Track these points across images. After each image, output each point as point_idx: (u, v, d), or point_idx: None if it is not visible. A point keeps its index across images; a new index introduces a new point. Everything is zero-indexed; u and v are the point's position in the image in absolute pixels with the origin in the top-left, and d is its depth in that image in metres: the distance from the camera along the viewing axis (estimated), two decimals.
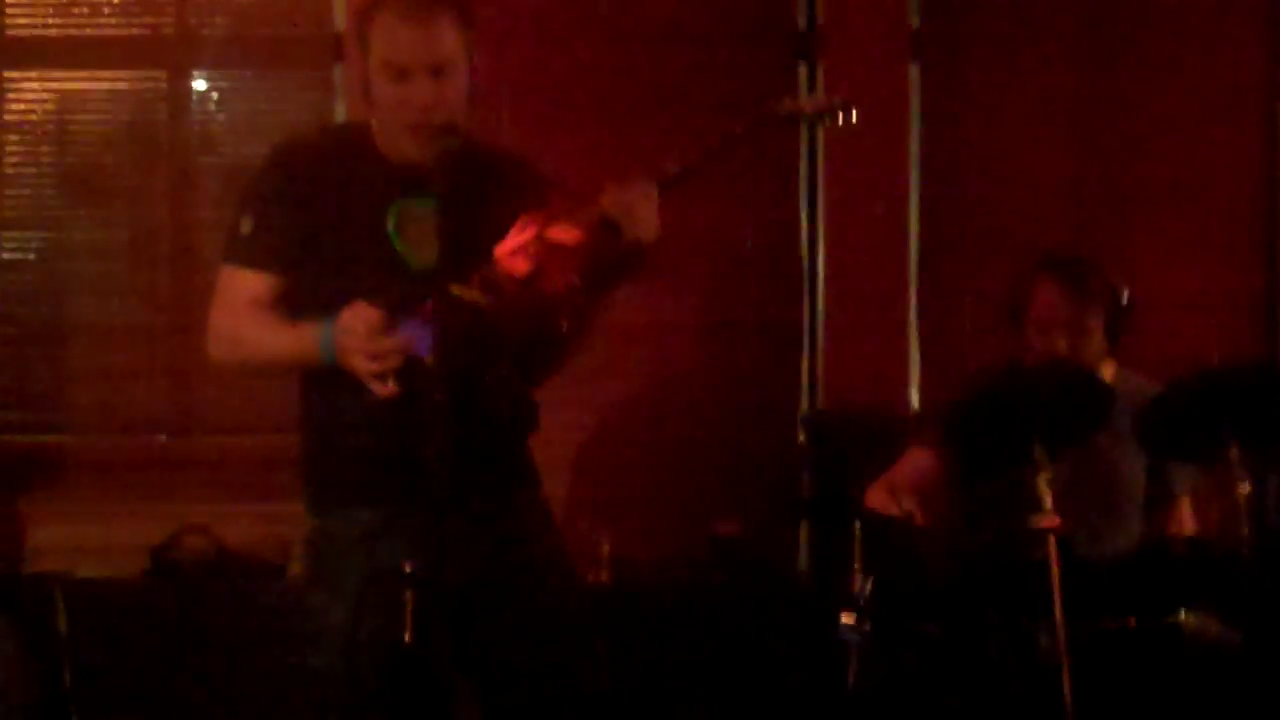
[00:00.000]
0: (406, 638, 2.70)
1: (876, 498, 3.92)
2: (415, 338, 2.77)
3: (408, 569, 2.71)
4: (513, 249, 2.90)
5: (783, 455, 5.24)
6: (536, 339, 3.01)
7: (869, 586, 3.58)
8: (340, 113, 5.31)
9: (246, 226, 2.97)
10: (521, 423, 3.12)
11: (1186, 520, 4.06)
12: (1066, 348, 3.98)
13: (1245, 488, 3.54)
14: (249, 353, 3.01)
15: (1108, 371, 4.05)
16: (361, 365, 2.78)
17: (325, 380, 2.93)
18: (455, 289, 2.79)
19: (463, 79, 2.94)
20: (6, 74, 5.43)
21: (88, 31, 5.45)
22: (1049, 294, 4.01)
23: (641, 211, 2.91)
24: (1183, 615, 3.50)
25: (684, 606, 4.76)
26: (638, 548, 4.94)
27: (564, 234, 2.90)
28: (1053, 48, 5.41)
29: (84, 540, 4.89)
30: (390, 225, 2.93)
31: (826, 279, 5.28)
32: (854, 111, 3.20)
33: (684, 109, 5.32)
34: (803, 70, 5.37)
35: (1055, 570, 3.39)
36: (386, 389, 2.78)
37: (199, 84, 5.47)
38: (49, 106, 5.46)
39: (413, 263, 2.91)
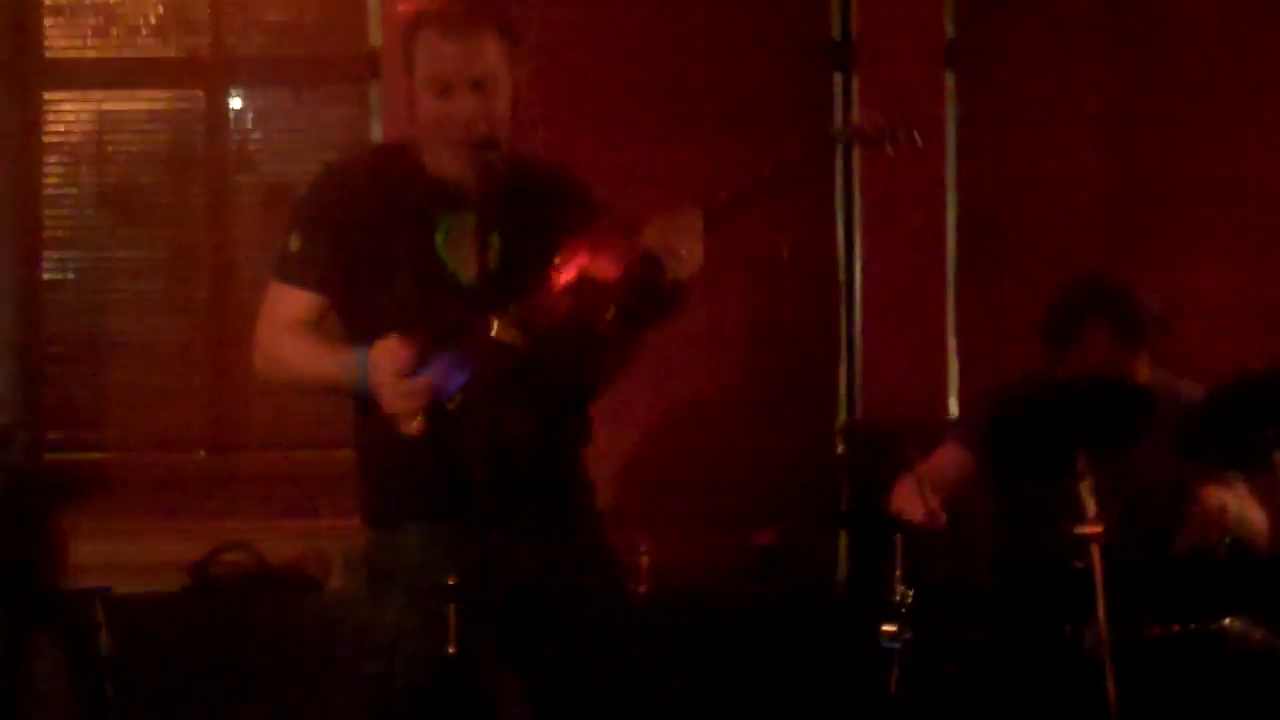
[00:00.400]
0: (451, 650, 2.74)
1: (901, 496, 3.91)
2: (445, 376, 2.79)
3: (451, 582, 2.75)
4: (554, 286, 2.89)
5: (821, 465, 5.23)
6: (571, 369, 3.03)
7: (910, 596, 3.56)
8: (376, 130, 5.33)
9: (295, 244, 3.01)
10: (569, 438, 3.12)
11: (1213, 499, 3.97)
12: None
13: None
14: (290, 373, 3.07)
15: (1146, 374, 4.02)
16: (388, 403, 2.82)
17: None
18: (493, 327, 2.80)
19: (506, 93, 2.95)
20: (46, 95, 5.46)
21: (125, 52, 5.49)
22: (1099, 336, 3.98)
23: (685, 249, 2.88)
24: (1227, 621, 3.49)
25: (723, 617, 4.74)
26: (677, 558, 4.93)
27: (606, 269, 2.88)
28: (1089, 56, 5.39)
29: (125, 556, 4.90)
30: (439, 241, 2.95)
31: (864, 289, 5.26)
32: (915, 134, 3.17)
33: (720, 121, 5.33)
34: (838, 80, 5.37)
35: (1099, 576, 3.38)
36: (412, 427, 2.82)
37: (236, 103, 5.50)
38: (88, 127, 5.50)
39: (463, 277, 2.93)
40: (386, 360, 2.82)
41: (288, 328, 3.01)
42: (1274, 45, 5.34)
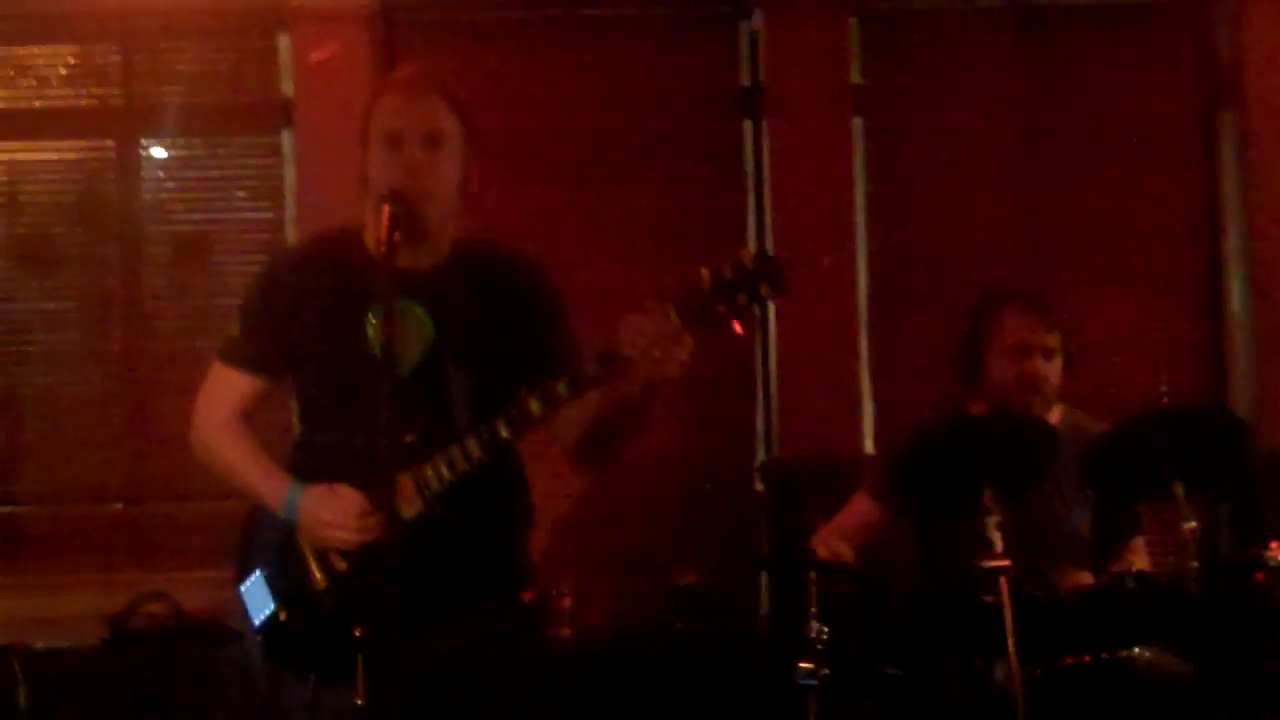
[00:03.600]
0: (359, 700, 2.74)
1: (819, 545, 3.95)
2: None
3: (357, 634, 2.76)
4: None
5: (740, 503, 5.28)
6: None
7: (825, 633, 3.59)
8: (289, 177, 5.35)
9: (236, 329, 3.12)
10: (508, 528, 3.13)
11: (1138, 556, 4.09)
12: (1043, 370, 4.02)
13: (1192, 525, 3.58)
14: (219, 467, 3.14)
15: (1056, 413, 4.09)
16: (339, 540, 2.90)
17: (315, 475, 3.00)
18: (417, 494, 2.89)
19: (456, 161, 3.01)
20: None
21: (36, 104, 5.48)
22: (1017, 319, 4.05)
23: (659, 349, 2.74)
24: (1135, 650, 3.54)
25: (645, 657, 4.75)
26: (599, 599, 4.95)
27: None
28: (993, 96, 5.50)
29: (42, 611, 4.85)
30: (370, 330, 2.96)
31: (779, 329, 5.33)
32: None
33: (634, 166, 5.40)
34: (748, 127, 5.44)
35: (1008, 610, 3.43)
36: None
37: (148, 152, 5.48)
38: None
39: (398, 366, 2.89)
40: (309, 517, 2.93)
41: (226, 418, 3.10)
42: (1172, 85, 5.50)
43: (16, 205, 5.48)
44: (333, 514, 2.89)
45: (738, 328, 2.76)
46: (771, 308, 5.29)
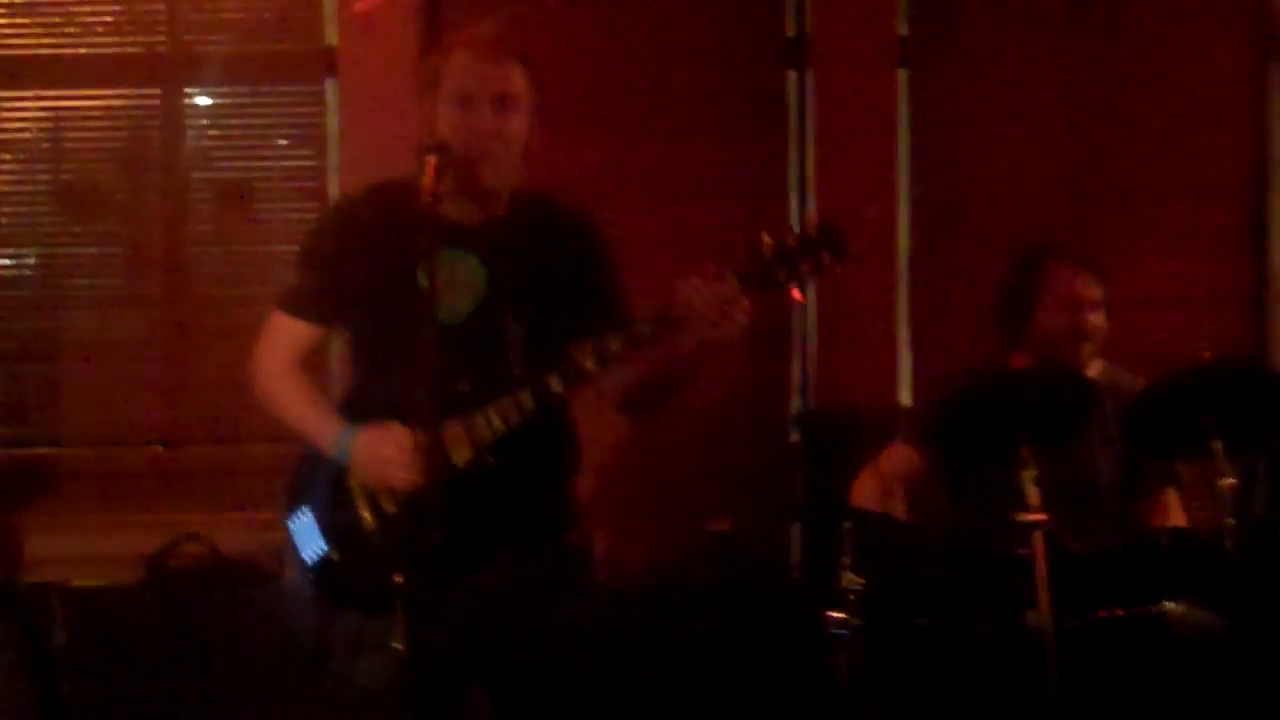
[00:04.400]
0: (398, 645, 2.74)
1: (861, 492, 3.96)
2: None
3: (398, 580, 2.75)
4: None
5: (775, 454, 5.27)
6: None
7: (857, 584, 3.60)
8: (333, 127, 5.35)
9: (296, 278, 3.16)
10: (556, 474, 3.17)
11: (1173, 512, 4.08)
12: (1095, 323, 4.02)
13: (1229, 481, 3.56)
14: (275, 411, 3.17)
15: (1095, 367, 4.07)
16: (394, 478, 2.90)
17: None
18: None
19: (524, 121, 3.03)
20: (1, 93, 5.46)
21: (81, 50, 5.49)
22: (1068, 273, 4.07)
23: (715, 312, 2.78)
24: (1169, 606, 3.53)
25: (677, 605, 4.77)
26: (632, 548, 4.97)
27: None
28: (1039, 50, 5.45)
29: (81, 550, 4.91)
30: (422, 280, 2.96)
31: (817, 280, 5.29)
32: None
33: (678, 119, 5.39)
34: (793, 78, 5.40)
35: (1042, 564, 3.42)
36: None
37: (192, 100, 5.50)
38: (44, 125, 5.50)
39: (444, 316, 2.92)
40: (364, 456, 2.96)
41: (284, 364, 3.14)
42: (1224, 34, 5.42)
43: (61, 151, 5.51)
44: (391, 450, 2.90)
45: (797, 295, 2.79)
46: None
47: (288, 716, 4.43)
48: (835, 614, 3.60)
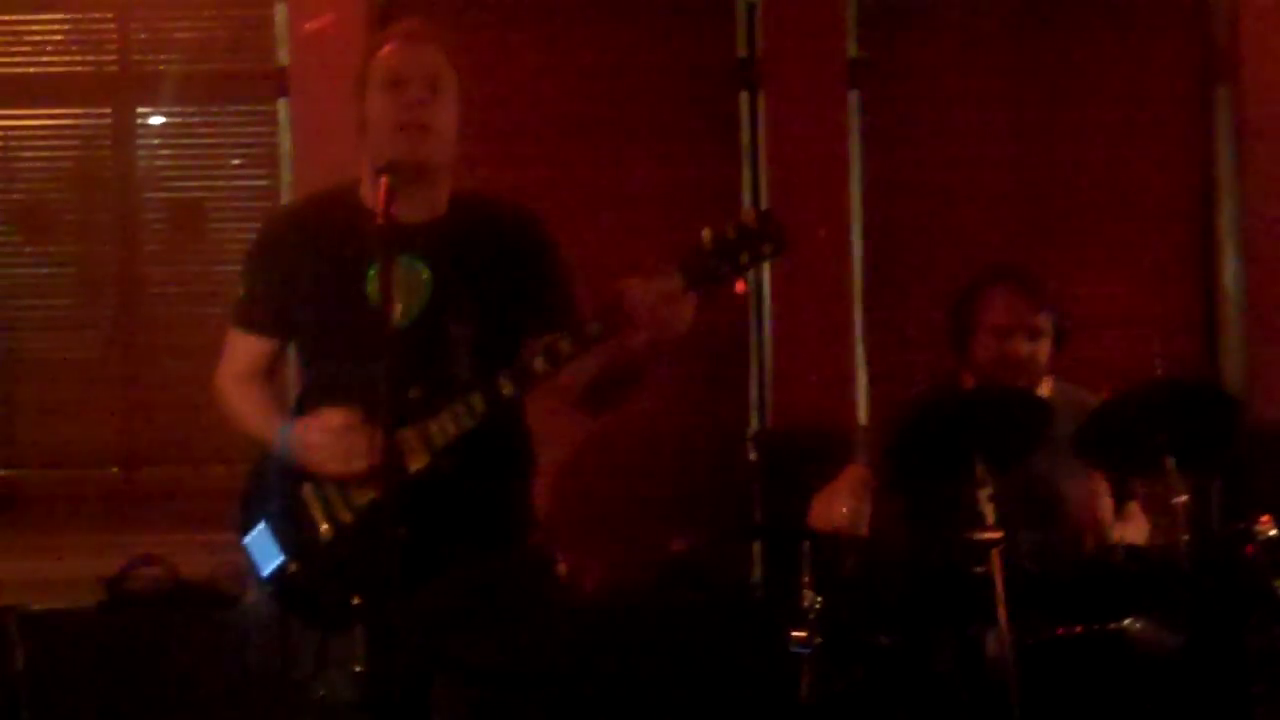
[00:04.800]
0: (357, 667, 2.76)
1: (817, 513, 3.98)
2: None
3: (355, 601, 2.79)
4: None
5: (734, 473, 5.30)
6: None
7: (818, 602, 3.62)
8: (285, 147, 5.35)
9: (241, 291, 3.18)
10: (512, 476, 3.16)
11: (1134, 522, 4.10)
12: (1026, 352, 4.04)
13: (1183, 498, 3.60)
14: (232, 423, 3.20)
15: (1047, 385, 4.11)
16: (326, 457, 2.93)
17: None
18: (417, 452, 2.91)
19: (454, 108, 3.04)
20: None
21: (31, 69, 5.46)
22: (1004, 299, 4.07)
23: (664, 310, 2.78)
24: (1127, 622, 3.57)
25: (639, 624, 4.79)
26: (591, 567, 4.97)
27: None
28: (989, 72, 5.51)
29: (39, 573, 4.88)
30: (369, 286, 2.98)
31: (773, 299, 5.34)
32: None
33: (631, 138, 5.40)
34: (745, 98, 5.44)
35: (999, 581, 3.45)
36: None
37: (144, 120, 5.48)
38: None
39: (395, 319, 2.92)
40: (299, 444, 2.98)
41: (239, 375, 3.17)
42: (1169, 56, 5.50)
43: (11, 171, 5.48)
44: (319, 434, 2.93)
45: (740, 286, 2.81)
46: (766, 279, 5.31)
47: None
48: (797, 632, 3.60)
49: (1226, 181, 5.45)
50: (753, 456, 5.28)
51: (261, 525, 3.07)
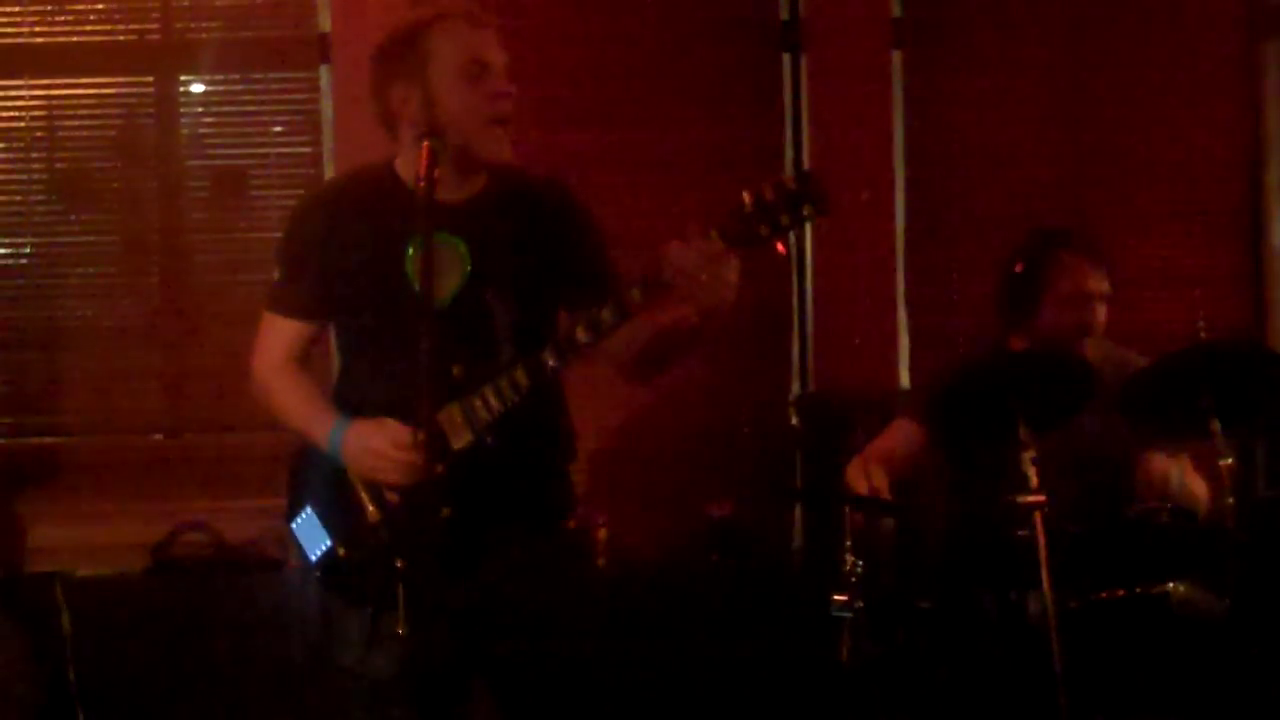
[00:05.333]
0: (400, 630, 2.75)
1: (853, 473, 3.97)
2: None
3: (399, 565, 2.77)
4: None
5: (775, 437, 5.28)
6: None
7: (859, 566, 3.61)
8: (327, 113, 5.35)
9: (277, 274, 3.13)
10: (554, 456, 3.17)
11: (1194, 481, 4.06)
12: (1100, 317, 4.05)
13: (1228, 461, 3.57)
14: (274, 410, 3.16)
15: (1092, 345, 4.08)
16: (385, 473, 2.92)
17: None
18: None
19: None
20: None
21: (74, 38, 5.46)
22: (1077, 265, 4.07)
23: (706, 274, 2.75)
24: (1170, 585, 3.55)
25: (679, 588, 4.79)
26: (634, 533, 4.98)
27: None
28: (1034, 30, 5.45)
29: (84, 540, 4.92)
30: (408, 264, 2.97)
31: (815, 263, 5.32)
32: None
33: (673, 101, 5.38)
34: (787, 60, 5.41)
35: (1042, 544, 3.43)
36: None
37: (186, 88, 5.49)
38: (37, 113, 5.47)
39: (437, 301, 2.91)
40: (355, 450, 2.95)
41: (277, 364, 3.13)
42: (1218, 14, 5.42)
43: (55, 140, 5.49)
44: (381, 444, 2.90)
45: (780, 248, 2.78)
46: (809, 243, 5.29)
47: (292, 703, 4.46)
48: (838, 596, 3.60)
49: (1275, 140, 5.38)
50: (794, 421, 5.27)
51: (308, 510, 3.08)
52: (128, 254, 5.46)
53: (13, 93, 5.47)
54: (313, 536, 3.06)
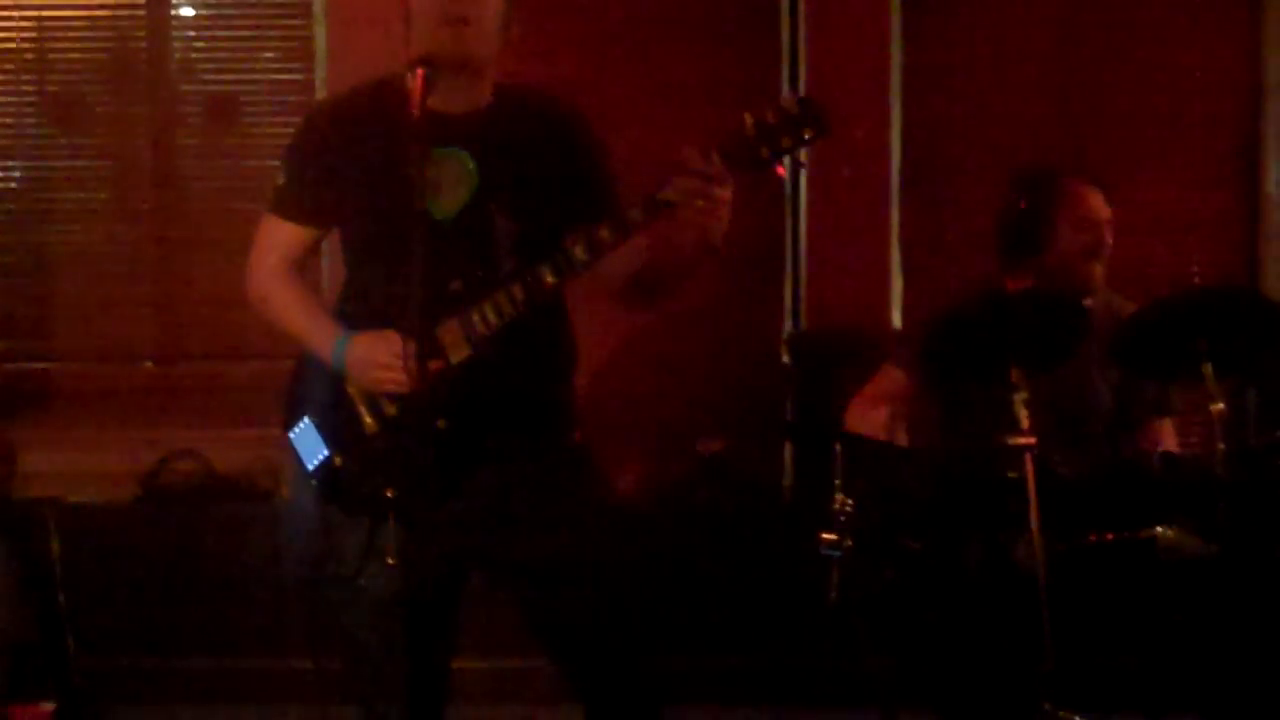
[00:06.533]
0: (389, 560, 2.81)
1: (855, 417, 3.98)
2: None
3: (389, 494, 2.81)
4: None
5: (766, 375, 5.28)
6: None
7: (848, 505, 3.62)
8: (320, 40, 5.31)
9: (280, 179, 3.12)
10: (554, 373, 3.17)
11: (1166, 438, 4.10)
12: (1110, 242, 4.07)
13: (1219, 406, 3.58)
14: (273, 316, 3.15)
15: (1099, 272, 4.09)
16: (388, 382, 2.92)
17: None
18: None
19: (497, 5, 2.99)
20: None
21: None
22: (1089, 196, 4.08)
23: (711, 193, 2.79)
24: (1158, 530, 3.56)
25: (670, 524, 4.81)
26: (624, 468, 4.99)
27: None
28: None
29: (75, 466, 4.92)
30: (412, 180, 2.92)
31: (809, 201, 5.30)
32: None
33: (668, 34, 5.35)
34: (786, 22, 5.35)
35: (1032, 487, 3.44)
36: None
37: (178, 11, 5.44)
38: (28, 34, 5.43)
39: (435, 212, 2.94)
40: (358, 362, 2.96)
41: (275, 269, 3.12)
42: None
43: (46, 63, 5.46)
44: (385, 356, 2.90)
45: (780, 171, 2.83)
46: (803, 179, 5.27)
47: (281, 633, 4.48)
48: (827, 535, 3.61)
49: (1272, 87, 5.36)
50: (786, 358, 5.27)
51: (305, 420, 3.08)
52: (119, 179, 5.45)
53: (2, 13, 5.42)
54: (310, 446, 3.07)
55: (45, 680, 4.47)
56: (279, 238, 3.13)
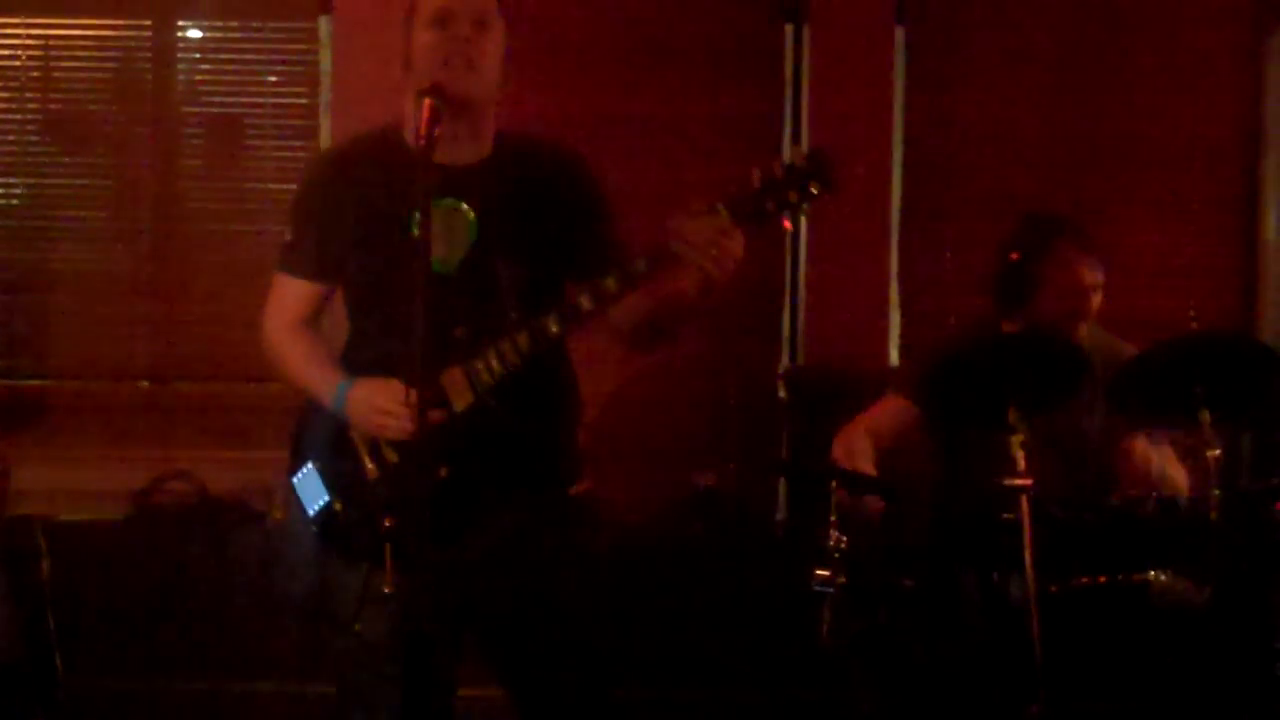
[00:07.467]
0: (386, 589, 2.81)
1: (839, 444, 3.98)
2: None
3: (387, 524, 2.82)
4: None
5: (763, 410, 5.28)
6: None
7: (843, 542, 3.61)
8: (325, 64, 5.32)
9: (288, 235, 3.14)
10: (558, 423, 3.16)
11: (1174, 468, 4.07)
12: (1094, 307, 4.05)
13: (1215, 452, 3.58)
14: (281, 370, 3.19)
15: (1086, 331, 4.09)
16: (389, 429, 2.93)
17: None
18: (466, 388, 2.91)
19: (500, 47, 3.00)
20: None
21: None
22: (1076, 259, 4.05)
23: (715, 246, 2.79)
24: (1151, 574, 3.55)
25: (662, 556, 4.81)
26: (619, 500, 4.98)
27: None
28: (1036, 10, 5.44)
29: (67, 484, 4.91)
30: (413, 226, 2.90)
31: (809, 237, 5.32)
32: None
33: (672, 72, 5.36)
34: (789, 32, 5.38)
35: (1027, 528, 3.44)
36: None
37: (184, 34, 5.46)
38: (33, 53, 5.44)
39: (436, 265, 2.90)
40: (360, 408, 2.97)
41: (288, 324, 3.14)
42: (1220, 9, 5.42)
43: (50, 82, 5.46)
44: (386, 401, 2.91)
45: (786, 224, 2.83)
46: (803, 217, 5.25)
47: (271, 655, 4.46)
48: (820, 571, 3.60)
49: (1272, 133, 5.38)
50: (782, 394, 5.27)
51: (309, 465, 3.08)
52: (119, 199, 5.45)
53: (9, 31, 5.44)
54: (312, 492, 3.07)
55: (32, 701, 4.45)
56: (289, 294, 3.15)
